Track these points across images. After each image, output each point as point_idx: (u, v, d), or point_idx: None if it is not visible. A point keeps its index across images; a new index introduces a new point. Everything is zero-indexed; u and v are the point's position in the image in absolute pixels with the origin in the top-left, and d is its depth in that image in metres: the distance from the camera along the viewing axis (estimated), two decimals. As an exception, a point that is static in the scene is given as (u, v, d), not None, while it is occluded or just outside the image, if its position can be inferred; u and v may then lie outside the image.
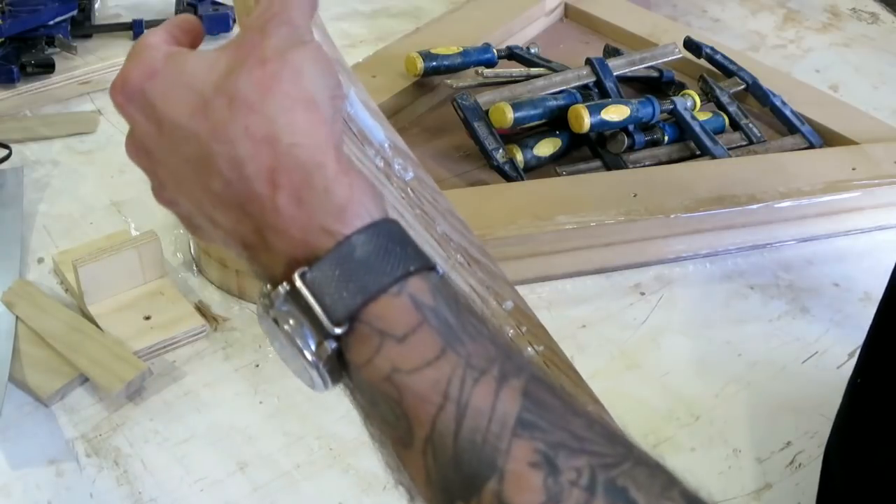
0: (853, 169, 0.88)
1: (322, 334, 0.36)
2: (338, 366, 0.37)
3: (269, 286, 0.37)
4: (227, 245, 0.40)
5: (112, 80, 0.41)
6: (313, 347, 0.36)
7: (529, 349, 0.48)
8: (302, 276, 0.36)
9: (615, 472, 0.34)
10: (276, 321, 0.37)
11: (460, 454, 0.34)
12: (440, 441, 0.35)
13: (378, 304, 0.35)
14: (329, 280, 0.35)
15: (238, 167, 0.37)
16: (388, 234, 0.37)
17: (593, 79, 0.97)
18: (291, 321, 0.36)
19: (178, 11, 1.13)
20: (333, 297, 0.35)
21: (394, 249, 0.36)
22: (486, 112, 0.90)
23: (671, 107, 0.93)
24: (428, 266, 0.37)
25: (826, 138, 0.97)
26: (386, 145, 0.47)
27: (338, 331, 0.36)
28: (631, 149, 0.91)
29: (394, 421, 0.36)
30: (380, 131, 0.47)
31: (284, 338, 0.37)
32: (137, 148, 0.41)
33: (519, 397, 0.35)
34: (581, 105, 0.89)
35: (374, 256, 0.36)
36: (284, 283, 0.36)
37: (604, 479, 0.34)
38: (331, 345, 0.36)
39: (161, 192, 0.42)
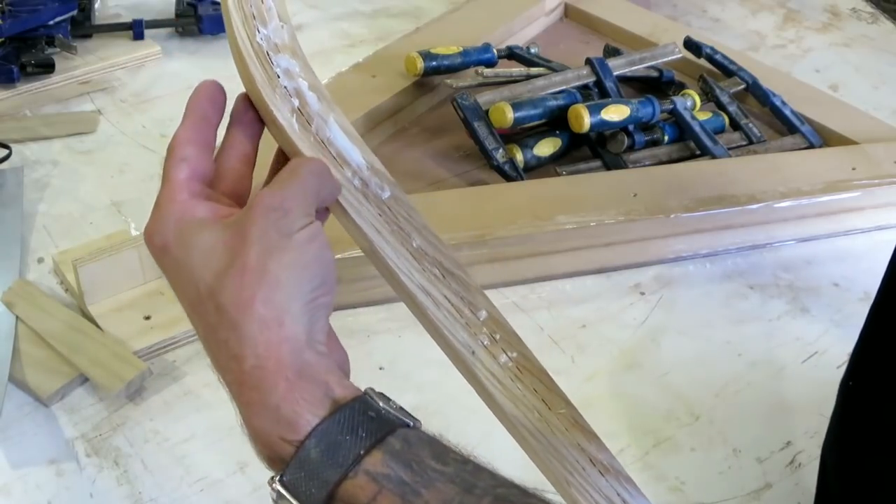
0: (853, 169, 0.88)
1: None
2: None
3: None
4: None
5: (112, 80, 0.43)
6: None
7: (503, 357, 0.50)
8: (280, 481, 0.42)
9: None
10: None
11: None
12: None
13: (341, 490, 0.41)
14: (299, 482, 0.41)
15: (221, 370, 0.44)
16: (336, 428, 0.42)
17: (593, 79, 0.97)
18: None
19: (177, 12, 1.13)
20: (307, 496, 0.41)
21: (343, 440, 0.42)
22: (486, 112, 0.90)
23: (671, 107, 0.93)
24: (376, 436, 0.42)
25: (826, 138, 0.97)
26: (363, 166, 0.51)
27: None
28: (631, 149, 0.91)
29: None
30: (357, 153, 0.51)
31: None
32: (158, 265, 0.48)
33: None
34: (581, 105, 0.89)
35: (327, 453, 0.41)
36: (272, 486, 0.42)
37: None
38: None
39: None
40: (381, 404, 0.43)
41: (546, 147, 0.91)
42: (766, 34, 1.25)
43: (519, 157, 0.89)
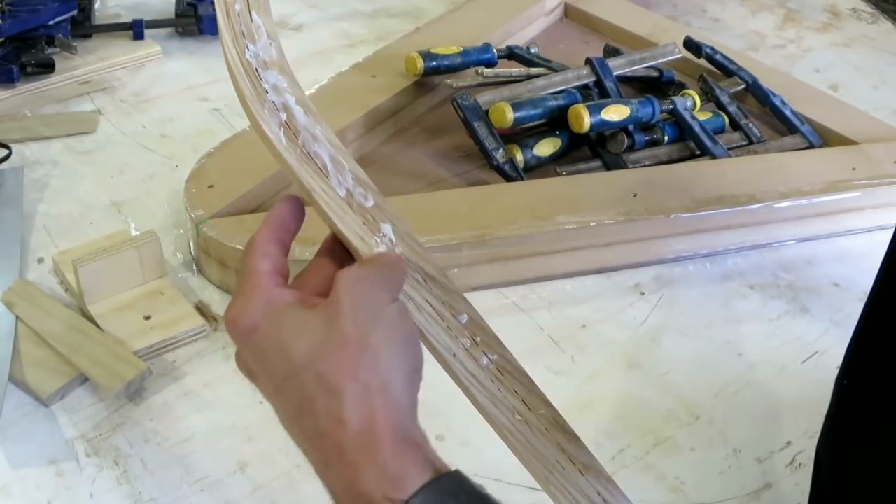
0: (853, 169, 0.88)
1: None
2: None
3: None
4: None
5: (112, 80, 0.43)
6: None
7: (484, 359, 0.52)
8: None
9: None
10: None
11: None
12: None
13: None
14: None
15: (319, 429, 0.44)
16: (442, 492, 0.43)
17: (593, 79, 0.97)
18: None
19: (177, 12, 1.13)
20: None
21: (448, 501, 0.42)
22: (486, 112, 0.90)
23: (671, 107, 0.93)
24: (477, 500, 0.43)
25: (826, 138, 0.97)
26: (349, 177, 0.52)
27: None
28: (631, 149, 0.91)
29: None
30: (342, 165, 0.53)
31: None
32: (241, 365, 0.49)
33: None
34: (581, 105, 0.89)
35: None
36: None
37: None
38: None
39: (261, 392, 0.49)
40: (474, 483, 0.44)
41: (546, 147, 0.91)
42: (766, 34, 1.25)
43: (519, 157, 0.89)
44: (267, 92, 0.52)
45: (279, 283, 0.47)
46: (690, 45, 1.06)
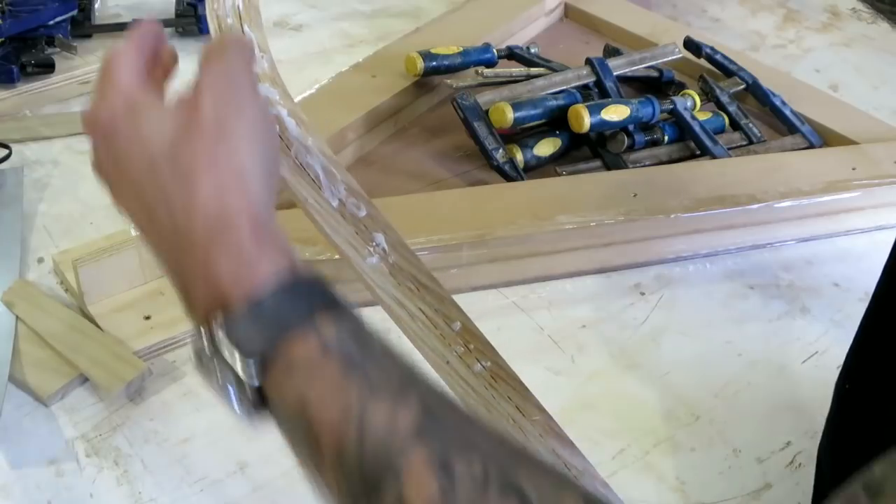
0: (853, 169, 0.88)
1: (240, 376, 0.41)
2: (259, 404, 0.42)
3: (197, 340, 0.43)
4: (164, 272, 0.45)
5: None
6: (237, 392, 0.41)
7: (477, 366, 0.52)
8: (221, 327, 0.41)
9: (509, 471, 0.37)
10: (207, 369, 0.42)
11: (364, 466, 0.38)
12: (347, 458, 0.38)
13: (286, 345, 0.40)
14: (243, 331, 0.40)
15: (174, 224, 0.43)
16: (294, 282, 0.42)
17: (593, 79, 0.97)
18: (218, 371, 0.42)
19: (177, 12, 1.13)
20: (247, 347, 0.40)
21: (299, 294, 0.41)
22: (486, 112, 0.90)
23: (671, 107, 0.93)
24: (332, 299, 0.42)
25: (826, 138, 0.97)
26: (341, 188, 0.53)
27: (255, 381, 0.41)
28: (631, 149, 0.91)
29: (306, 445, 0.40)
30: (335, 175, 0.53)
31: (214, 385, 0.42)
32: (99, 164, 0.46)
33: (416, 409, 0.39)
34: (581, 105, 0.89)
35: (282, 305, 0.41)
36: (208, 336, 0.42)
37: (497, 478, 0.37)
38: (252, 383, 0.41)
39: (114, 199, 0.47)
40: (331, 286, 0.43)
41: (546, 147, 0.91)
42: (766, 34, 1.25)
43: (519, 157, 0.89)
44: None
45: (138, 83, 0.46)
46: (690, 45, 1.06)
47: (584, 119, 0.88)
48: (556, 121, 0.92)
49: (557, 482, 0.38)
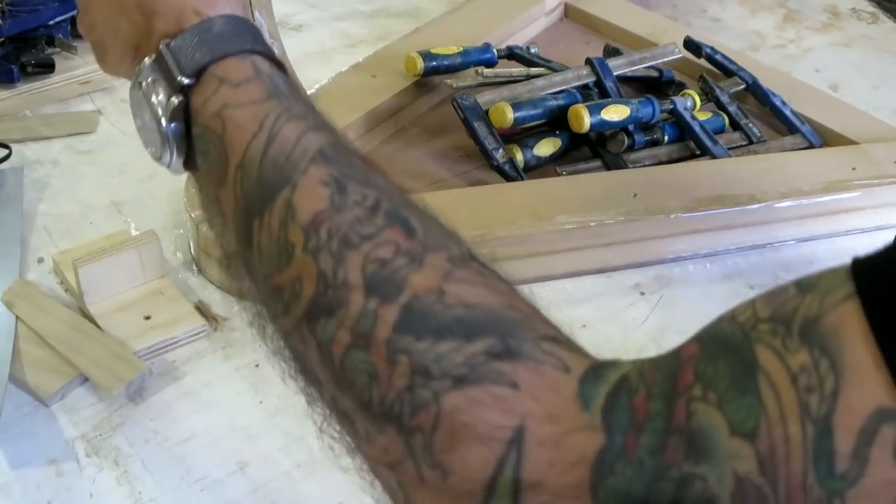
0: (853, 169, 0.88)
1: (173, 88, 0.43)
2: (183, 127, 0.44)
3: (144, 66, 0.45)
4: (125, 52, 0.48)
5: (112, 80, 0.47)
6: (163, 99, 0.43)
7: None
8: (166, 45, 0.44)
9: (400, 206, 0.40)
10: (140, 86, 0.45)
11: (263, 173, 0.40)
12: (249, 164, 0.41)
13: (223, 63, 0.43)
14: (187, 45, 0.43)
15: None
16: (246, 25, 0.45)
17: (593, 79, 0.97)
18: (150, 79, 0.44)
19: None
20: (187, 57, 0.43)
21: (247, 35, 0.44)
22: (486, 112, 0.90)
23: (671, 107, 0.93)
24: (273, 56, 0.45)
25: (826, 138, 0.97)
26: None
27: (186, 81, 0.43)
28: (631, 149, 0.91)
29: (216, 159, 0.42)
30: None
31: (142, 97, 0.45)
32: None
33: (325, 140, 0.41)
34: (581, 105, 0.89)
35: (229, 33, 0.44)
36: (152, 54, 0.44)
37: (388, 207, 0.39)
38: (179, 97, 0.43)
39: (84, 18, 0.51)
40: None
41: (546, 147, 0.91)
42: (766, 34, 1.25)
43: (519, 157, 0.89)
44: None
45: None
46: (690, 45, 1.06)
47: (584, 119, 0.88)
48: (556, 121, 0.91)
49: (447, 231, 0.41)
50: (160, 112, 0.44)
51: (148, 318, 0.73)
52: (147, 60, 0.45)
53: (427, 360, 0.35)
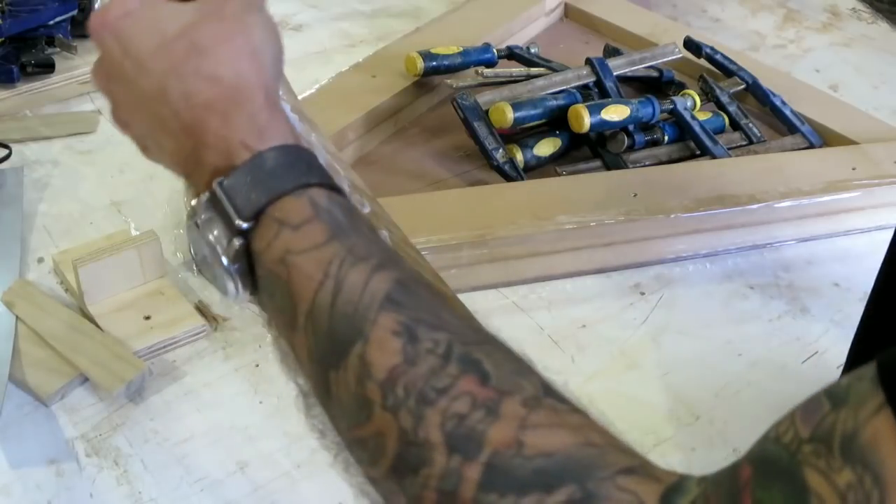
0: (853, 169, 0.88)
1: (233, 231, 0.42)
2: (246, 266, 0.43)
3: (196, 204, 0.44)
4: (170, 166, 0.47)
5: None
6: (225, 243, 0.43)
7: None
8: (220, 184, 0.43)
9: (472, 347, 0.39)
10: (196, 226, 0.44)
11: (334, 325, 0.40)
12: (318, 314, 0.40)
13: (280, 203, 0.42)
14: (241, 186, 0.42)
15: (186, 98, 0.44)
16: (298, 154, 0.44)
17: (593, 79, 0.97)
18: (205, 217, 0.43)
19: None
20: (243, 198, 0.42)
21: (301, 165, 0.43)
22: (486, 112, 0.90)
23: (671, 107, 0.93)
24: (329, 183, 0.44)
25: (826, 138, 0.97)
26: (345, 184, 0.53)
27: (245, 225, 0.42)
28: (631, 149, 0.91)
29: (283, 304, 0.42)
30: (338, 172, 0.53)
31: (199, 235, 0.44)
32: (103, 74, 0.48)
33: (391, 281, 0.40)
34: (581, 105, 0.89)
35: (283, 168, 0.43)
36: (206, 192, 0.43)
37: (459, 351, 0.38)
38: (239, 240, 0.42)
39: (118, 114, 0.50)
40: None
41: (546, 147, 0.91)
42: (766, 34, 1.25)
43: (519, 157, 0.89)
44: None
45: None
46: (690, 45, 1.06)
47: (584, 119, 0.88)
48: (556, 121, 0.92)
49: (518, 367, 0.39)
50: (220, 252, 0.43)
51: (148, 318, 0.73)
52: (201, 198, 0.44)
53: None
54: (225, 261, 0.43)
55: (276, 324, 0.44)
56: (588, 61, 0.98)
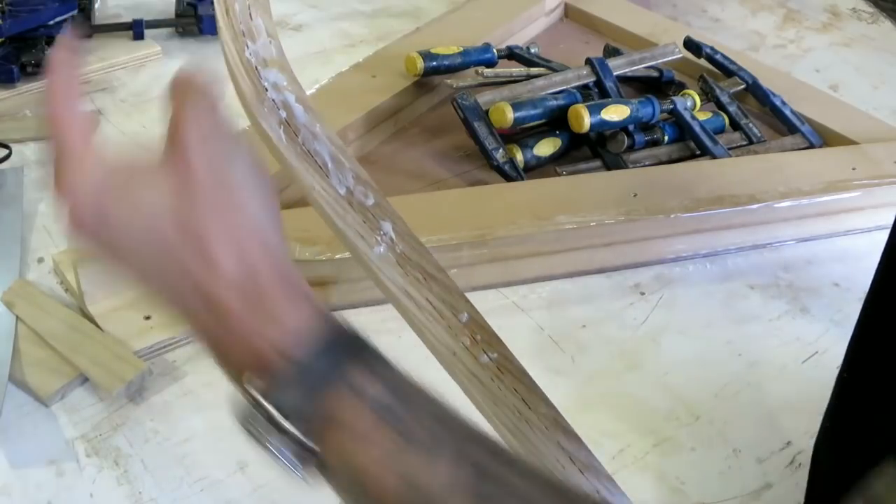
0: (853, 169, 0.88)
1: (293, 446, 0.40)
2: (313, 462, 0.41)
3: (244, 407, 0.41)
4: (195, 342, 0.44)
5: (112, 80, 0.43)
6: (284, 450, 0.40)
7: (484, 357, 0.52)
8: (264, 396, 0.40)
9: None
10: (249, 432, 0.41)
11: None
12: None
13: (335, 411, 0.39)
14: (290, 400, 0.39)
15: (202, 296, 0.41)
16: (335, 335, 0.41)
17: (593, 79, 0.97)
18: (259, 428, 0.40)
19: (178, 12, 1.13)
20: (296, 414, 0.39)
21: (339, 351, 0.40)
22: (486, 112, 0.90)
23: (671, 107, 0.93)
24: (366, 356, 0.41)
25: (826, 138, 0.97)
26: (349, 176, 0.52)
27: (308, 444, 0.40)
28: (631, 149, 0.91)
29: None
30: (343, 163, 0.52)
31: (256, 442, 0.41)
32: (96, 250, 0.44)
33: (468, 475, 0.38)
34: (581, 105, 0.89)
35: (328, 366, 0.40)
36: (252, 400, 0.40)
37: None
38: (304, 456, 0.40)
39: (125, 268, 0.45)
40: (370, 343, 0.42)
41: (546, 147, 0.91)
42: (766, 34, 1.25)
43: (519, 157, 0.89)
44: (266, 90, 0.51)
45: (94, 147, 0.42)
46: (690, 45, 1.06)
47: (584, 119, 0.88)
48: (556, 121, 0.92)
49: None
50: (284, 462, 0.41)
51: (148, 318, 0.73)
52: (249, 409, 0.41)
53: None
54: (296, 472, 0.41)
55: None
56: (588, 61, 0.98)
